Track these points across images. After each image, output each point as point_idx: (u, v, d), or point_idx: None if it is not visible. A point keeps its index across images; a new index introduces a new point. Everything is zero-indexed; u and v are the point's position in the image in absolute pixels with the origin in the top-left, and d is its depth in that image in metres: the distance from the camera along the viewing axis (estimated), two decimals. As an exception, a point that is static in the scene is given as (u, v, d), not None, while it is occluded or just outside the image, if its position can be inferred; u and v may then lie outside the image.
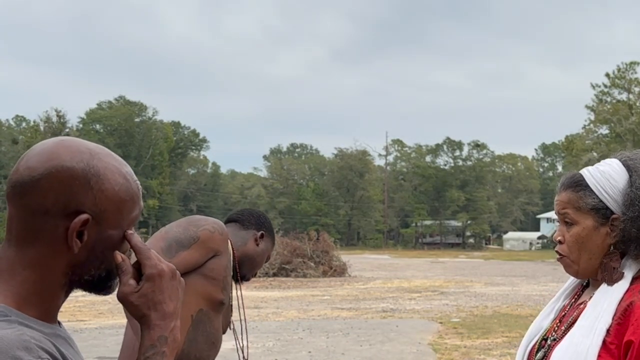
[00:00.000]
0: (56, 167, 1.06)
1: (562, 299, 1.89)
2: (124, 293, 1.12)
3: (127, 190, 1.12)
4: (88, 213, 1.07)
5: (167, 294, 1.14)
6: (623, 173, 1.75)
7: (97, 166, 1.08)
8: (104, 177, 1.08)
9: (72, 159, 1.07)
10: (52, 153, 1.08)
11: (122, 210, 1.11)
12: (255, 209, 2.92)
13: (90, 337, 11.93)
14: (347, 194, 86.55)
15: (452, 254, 63.55)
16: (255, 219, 2.79)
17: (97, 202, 1.08)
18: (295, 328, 13.23)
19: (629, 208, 1.70)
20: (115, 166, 1.11)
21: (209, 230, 2.48)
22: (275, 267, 28.62)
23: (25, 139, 61.46)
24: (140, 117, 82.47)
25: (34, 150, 1.10)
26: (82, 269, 1.10)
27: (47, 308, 1.09)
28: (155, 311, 1.12)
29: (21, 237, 1.08)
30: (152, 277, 1.13)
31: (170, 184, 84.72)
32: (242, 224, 2.76)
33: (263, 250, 2.77)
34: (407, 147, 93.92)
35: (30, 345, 0.98)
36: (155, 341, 1.11)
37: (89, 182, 1.07)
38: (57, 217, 1.06)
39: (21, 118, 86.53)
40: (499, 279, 28.87)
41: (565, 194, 1.78)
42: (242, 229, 2.75)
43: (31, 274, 1.07)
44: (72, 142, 1.11)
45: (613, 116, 51.63)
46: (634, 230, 1.68)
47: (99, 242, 1.09)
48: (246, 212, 2.83)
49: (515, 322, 14.07)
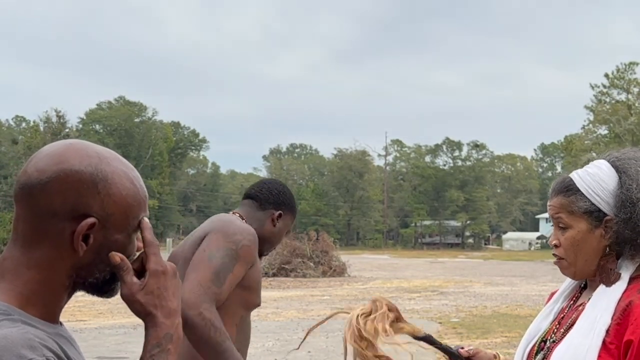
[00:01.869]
0: (64, 170, 1.07)
1: (560, 300, 1.89)
2: (131, 291, 1.12)
3: (135, 195, 1.12)
4: (95, 217, 1.07)
5: (170, 291, 1.15)
6: (612, 175, 1.75)
7: (105, 170, 1.09)
8: (111, 181, 1.09)
9: (80, 162, 1.08)
10: (61, 156, 1.09)
11: (128, 214, 1.11)
12: (275, 183, 2.79)
13: (90, 337, 11.94)
14: (346, 194, 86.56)
15: (452, 254, 63.55)
16: (274, 197, 2.69)
17: (105, 206, 1.08)
18: (295, 328, 13.24)
19: (621, 210, 1.70)
20: (124, 170, 1.12)
21: (247, 246, 2.47)
22: (275, 267, 28.64)
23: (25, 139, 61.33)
24: (140, 117, 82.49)
25: (43, 153, 1.11)
26: (87, 271, 1.11)
27: (50, 308, 1.10)
28: (161, 309, 1.13)
29: (27, 238, 1.08)
30: (156, 273, 1.14)
31: (170, 184, 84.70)
32: (260, 202, 2.68)
33: (281, 229, 2.71)
34: (406, 147, 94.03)
35: (34, 343, 0.98)
36: (161, 339, 1.12)
37: (96, 186, 1.08)
38: (64, 219, 1.07)
39: (21, 118, 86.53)
40: (498, 279, 28.88)
41: (557, 199, 1.79)
42: (259, 209, 2.68)
43: (36, 275, 1.08)
44: (81, 146, 1.12)
45: (612, 116, 51.61)
46: (628, 232, 1.69)
47: (104, 245, 1.10)
48: (265, 188, 2.72)
49: (514, 322, 14.08)
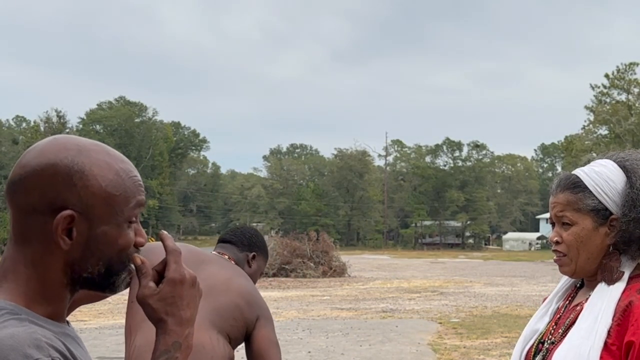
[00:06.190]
0: (41, 164, 1.06)
1: (555, 300, 1.88)
2: (144, 295, 1.14)
3: (118, 186, 1.10)
4: (73, 209, 1.06)
5: (185, 301, 1.15)
6: (620, 174, 1.74)
7: (82, 162, 1.07)
8: (89, 173, 1.07)
9: (57, 156, 1.07)
10: (41, 151, 1.08)
11: (112, 205, 1.09)
12: (247, 227, 2.99)
13: (91, 337, 11.94)
14: (346, 195, 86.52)
15: (452, 255, 63.55)
16: (247, 240, 2.86)
17: (83, 198, 1.06)
18: (295, 328, 13.24)
19: (631, 209, 1.69)
20: (107, 162, 1.10)
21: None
22: (275, 267, 28.63)
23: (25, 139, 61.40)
24: (141, 117, 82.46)
25: (28, 150, 1.11)
26: (80, 266, 1.10)
27: (54, 307, 1.09)
28: (173, 316, 1.14)
29: (19, 235, 1.09)
30: (173, 281, 1.15)
31: (170, 184, 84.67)
32: (237, 246, 2.85)
33: (255, 270, 2.87)
34: (406, 147, 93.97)
35: (41, 343, 0.98)
36: (169, 346, 1.12)
37: (71, 179, 1.06)
38: (45, 214, 1.06)
39: (21, 118, 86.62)
40: (499, 279, 28.88)
41: (564, 195, 1.77)
42: (238, 250, 2.85)
43: (32, 273, 1.07)
44: (62, 139, 1.11)
45: (612, 117, 51.59)
46: (638, 231, 1.68)
47: (92, 238, 1.09)
48: (239, 233, 2.89)
49: (514, 322, 14.07)
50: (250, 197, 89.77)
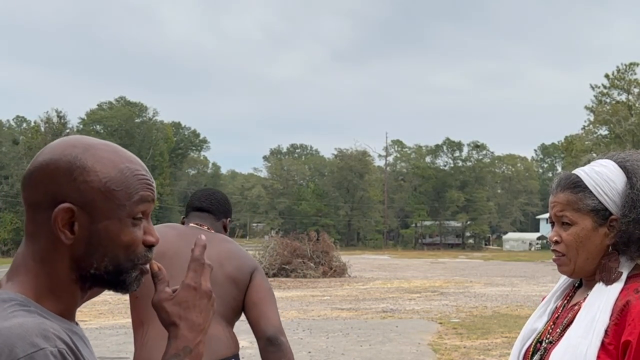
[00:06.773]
0: (45, 161, 1.10)
1: (553, 300, 1.88)
2: (160, 299, 1.17)
3: (119, 182, 1.11)
4: (72, 203, 1.08)
5: (199, 309, 1.17)
6: (621, 175, 1.74)
7: (84, 159, 1.09)
8: (90, 169, 1.09)
9: (61, 152, 1.10)
10: (49, 148, 1.12)
11: (112, 200, 1.10)
12: (218, 192, 3.07)
13: (91, 337, 11.94)
14: (347, 195, 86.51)
15: (452, 255, 63.53)
16: (222, 207, 2.99)
17: (82, 193, 1.08)
18: (295, 328, 13.24)
19: (631, 210, 1.69)
20: (112, 160, 1.12)
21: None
22: (275, 267, 28.63)
23: (25, 139, 61.34)
24: (141, 117, 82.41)
25: (43, 148, 1.14)
26: (85, 262, 1.11)
27: (64, 305, 1.11)
28: (185, 321, 1.16)
29: (28, 231, 1.11)
30: (188, 288, 1.17)
31: (171, 184, 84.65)
32: (214, 214, 2.96)
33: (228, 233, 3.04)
34: (406, 147, 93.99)
35: (48, 334, 1.00)
36: (179, 350, 1.14)
37: (72, 174, 1.08)
38: (48, 209, 1.08)
39: (22, 118, 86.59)
40: (499, 279, 28.87)
41: (564, 195, 1.77)
42: (215, 220, 2.96)
43: (41, 268, 1.09)
44: (73, 138, 1.13)
45: (612, 117, 51.59)
46: (637, 232, 1.69)
47: (94, 233, 1.10)
48: (214, 201, 2.99)
49: (514, 322, 14.07)
50: (251, 197, 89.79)
